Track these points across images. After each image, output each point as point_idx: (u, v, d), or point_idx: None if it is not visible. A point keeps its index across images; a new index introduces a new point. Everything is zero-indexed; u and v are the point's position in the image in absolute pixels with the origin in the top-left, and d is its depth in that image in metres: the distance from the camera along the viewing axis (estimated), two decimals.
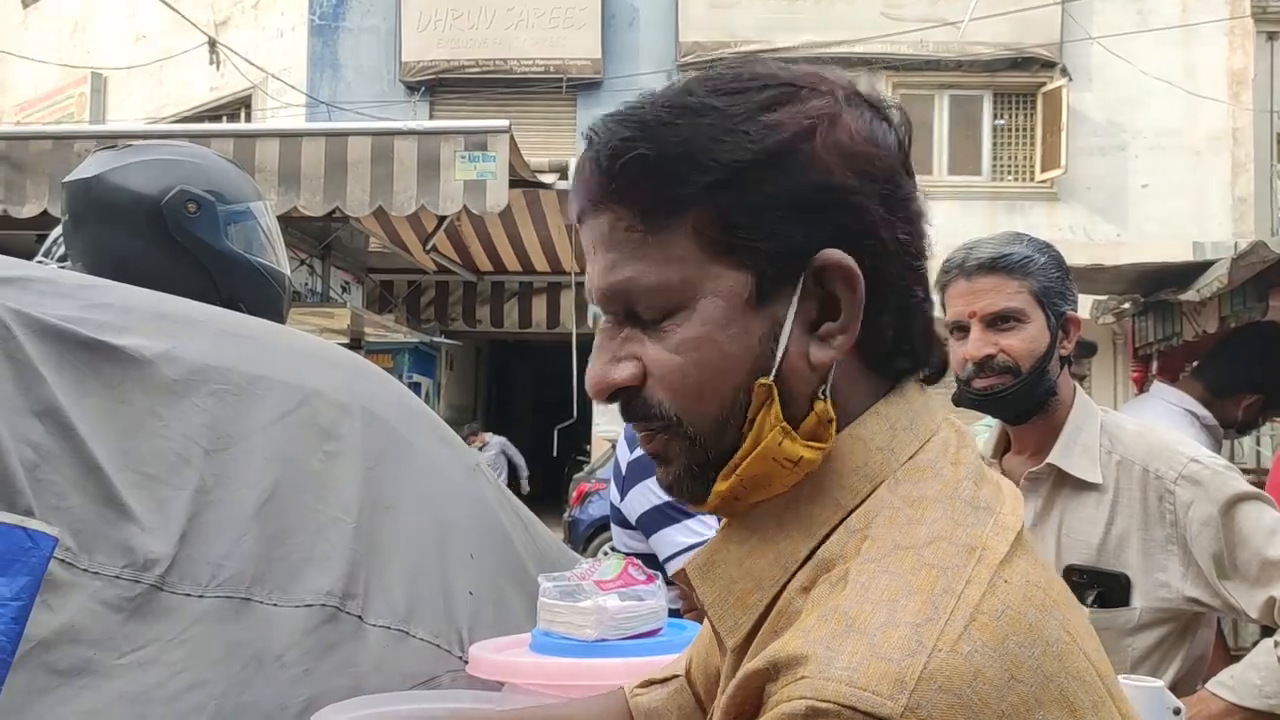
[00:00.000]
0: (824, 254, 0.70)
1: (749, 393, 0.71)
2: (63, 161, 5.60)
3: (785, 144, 0.70)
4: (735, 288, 0.70)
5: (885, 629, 0.61)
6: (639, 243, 0.71)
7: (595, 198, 0.73)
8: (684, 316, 0.71)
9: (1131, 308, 4.55)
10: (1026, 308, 1.68)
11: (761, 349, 0.71)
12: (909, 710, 0.58)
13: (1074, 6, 12.50)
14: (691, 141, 0.70)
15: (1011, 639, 0.62)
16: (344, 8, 13.59)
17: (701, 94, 0.72)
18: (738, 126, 0.70)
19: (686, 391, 0.72)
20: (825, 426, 0.72)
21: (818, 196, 0.70)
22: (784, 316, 0.71)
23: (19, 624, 0.99)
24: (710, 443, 0.73)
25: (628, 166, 0.70)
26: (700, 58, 13.00)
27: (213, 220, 1.57)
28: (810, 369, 0.72)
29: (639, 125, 0.71)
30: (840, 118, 0.72)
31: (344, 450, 1.38)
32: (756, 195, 0.69)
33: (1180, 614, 1.65)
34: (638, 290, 0.72)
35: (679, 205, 0.70)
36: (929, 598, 0.63)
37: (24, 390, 1.13)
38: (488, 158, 5.67)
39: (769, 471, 0.72)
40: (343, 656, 1.25)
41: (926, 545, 0.66)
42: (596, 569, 1.39)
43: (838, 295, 0.71)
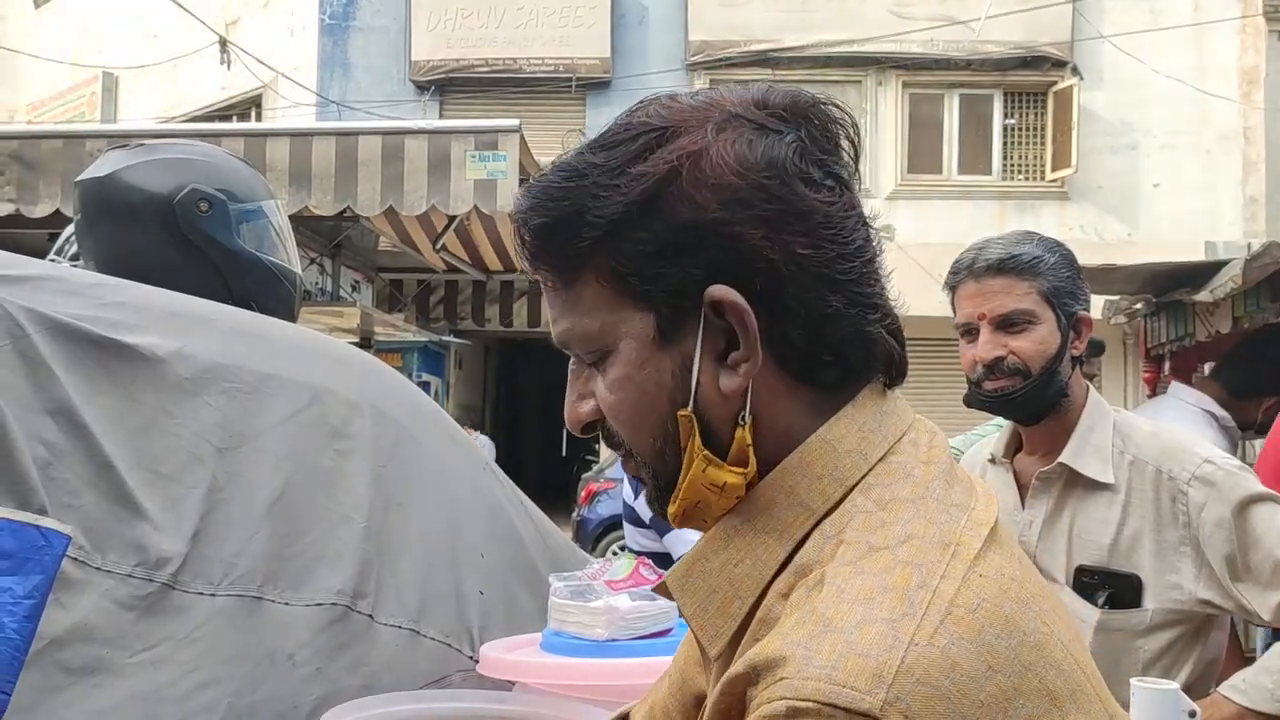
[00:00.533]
0: (710, 290, 0.73)
1: (675, 424, 0.75)
2: (74, 161, 5.61)
3: (649, 191, 0.73)
4: (642, 329, 0.75)
5: (861, 626, 0.62)
6: (562, 299, 0.78)
7: (526, 262, 0.80)
8: (611, 359, 0.76)
9: (1144, 308, 4.54)
10: (1036, 309, 1.67)
11: (675, 383, 0.75)
12: (888, 704, 0.59)
13: (1085, 5, 12.46)
14: (576, 202, 0.75)
15: (988, 631, 0.63)
16: (354, 7, 13.62)
17: (588, 153, 0.76)
18: (611, 181, 0.74)
19: (624, 424, 0.78)
20: (746, 451, 0.75)
21: (686, 235, 0.73)
22: (692, 350, 0.74)
23: (32, 622, 0.99)
24: (657, 469, 0.78)
25: (534, 234, 0.77)
26: (709, 57, 13.00)
27: (224, 219, 1.57)
28: (724, 397, 0.74)
29: (540, 194, 0.77)
30: (705, 151, 0.73)
31: (355, 449, 1.38)
32: (632, 244, 0.73)
33: (1192, 616, 1.64)
34: (573, 339, 0.78)
35: (577, 261, 0.76)
36: (904, 594, 0.64)
37: (37, 388, 1.13)
38: (498, 157, 5.68)
39: (703, 497, 0.76)
40: (354, 655, 1.25)
41: (900, 544, 0.67)
42: (608, 569, 1.39)
43: (735, 326, 0.73)
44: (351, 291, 8.45)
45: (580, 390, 0.81)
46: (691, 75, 13.13)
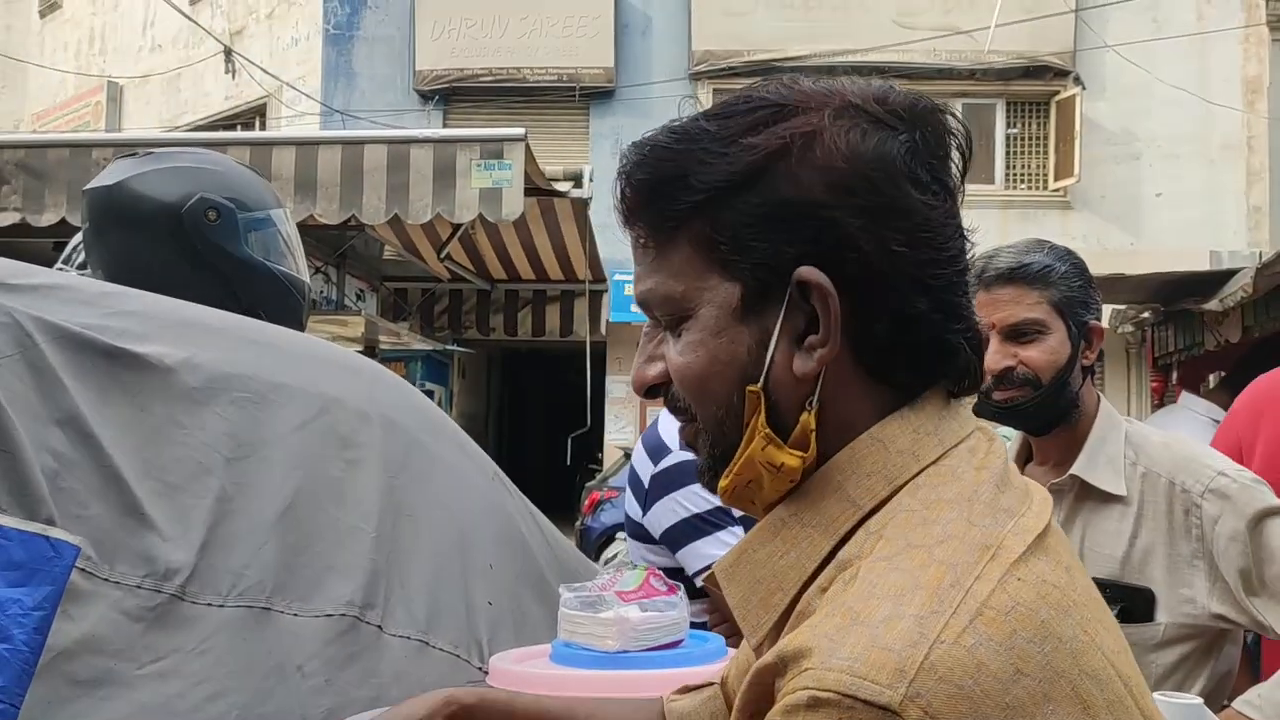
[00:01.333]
0: (800, 270, 0.73)
1: (742, 398, 0.76)
2: (81, 170, 5.61)
3: (758, 163, 0.74)
4: (726, 298, 0.76)
5: (889, 621, 0.62)
6: (652, 258, 0.79)
7: (622, 217, 0.81)
8: (690, 324, 0.77)
9: (1151, 317, 4.54)
10: (1046, 318, 1.65)
11: (750, 357, 0.75)
12: (909, 699, 0.59)
13: (1088, 14, 12.47)
14: (683, 165, 0.76)
15: (1020, 634, 0.62)
16: (358, 17, 13.65)
17: (702, 119, 0.78)
18: (721, 149, 0.75)
19: (691, 391, 0.78)
20: (808, 436, 0.75)
21: (785, 211, 0.74)
22: (772, 328, 0.75)
23: (41, 634, 0.98)
24: (715, 440, 0.79)
25: (637, 189, 0.79)
26: (713, 67, 13.02)
27: (233, 228, 1.57)
28: (795, 380, 0.75)
29: (649, 151, 0.78)
30: (820, 134, 0.74)
31: (364, 458, 1.37)
32: (732, 213, 0.74)
33: (1206, 630, 1.62)
34: (654, 299, 0.79)
35: (675, 223, 0.77)
36: (935, 592, 0.64)
37: (45, 398, 1.12)
38: (503, 166, 5.67)
39: (757, 475, 0.76)
40: (363, 667, 1.24)
41: (938, 544, 0.67)
42: (618, 580, 1.38)
43: (817, 310, 0.74)
44: (356, 300, 8.45)
45: (650, 353, 0.82)
46: (695, 85, 13.16)
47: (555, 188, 7.00)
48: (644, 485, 2.05)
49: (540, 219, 8.50)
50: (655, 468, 2.03)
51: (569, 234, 8.98)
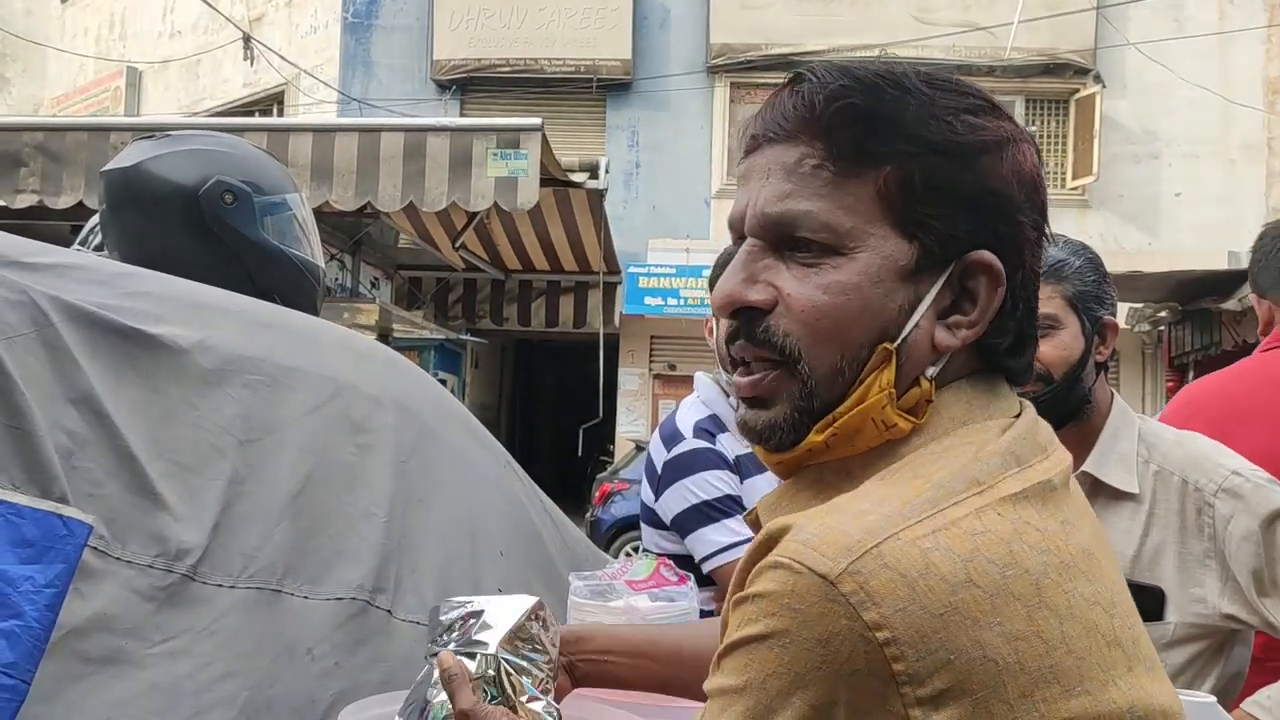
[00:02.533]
0: (980, 253, 0.76)
1: (870, 351, 0.76)
2: (99, 153, 5.64)
3: (980, 145, 0.76)
4: (895, 254, 0.75)
5: (859, 515, 0.67)
6: (826, 181, 0.75)
7: (793, 128, 0.77)
8: (841, 261, 0.75)
9: (1169, 315, 4.51)
10: (1060, 313, 1.64)
11: (897, 317, 0.76)
12: (848, 574, 0.63)
13: (1110, 12, 12.40)
14: (902, 111, 0.75)
15: (982, 553, 0.65)
16: (377, 6, 13.66)
17: (914, 78, 0.77)
18: (944, 116, 0.75)
19: (820, 331, 0.75)
20: (923, 405, 0.76)
21: (992, 201, 0.76)
22: (925, 295, 0.76)
23: (53, 611, 0.99)
24: (819, 390, 0.77)
25: (841, 110, 0.75)
26: (731, 60, 12.99)
27: (249, 211, 1.57)
28: (932, 349, 0.77)
29: (859, 80, 0.76)
30: (1022, 144, 0.78)
31: (376, 444, 1.37)
32: (943, 177, 0.75)
33: (1216, 630, 1.61)
34: (808, 223, 0.75)
35: (874, 160, 0.75)
36: (909, 502, 0.68)
37: (60, 377, 1.13)
38: (519, 155, 5.68)
39: (862, 429, 0.76)
40: (372, 650, 1.24)
41: (937, 472, 0.71)
42: (628, 569, 1.38)
43: (976, 292, 0.76)
44: (371, 288, 8.48)
45: (754, 274, 0.78)
46: (712, 78, 13.13)
47: (571, 178, 7.00)
48: (657, 471, 2.08)
49: (555, 209, 8.50)
50: (669, 454, 2.05)
51: (584, 225, 8.98)
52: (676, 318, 12.09)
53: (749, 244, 0.79)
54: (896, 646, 0.62)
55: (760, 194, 0.77)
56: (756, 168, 0.79)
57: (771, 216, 0.77)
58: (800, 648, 0.64)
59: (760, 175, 0.78)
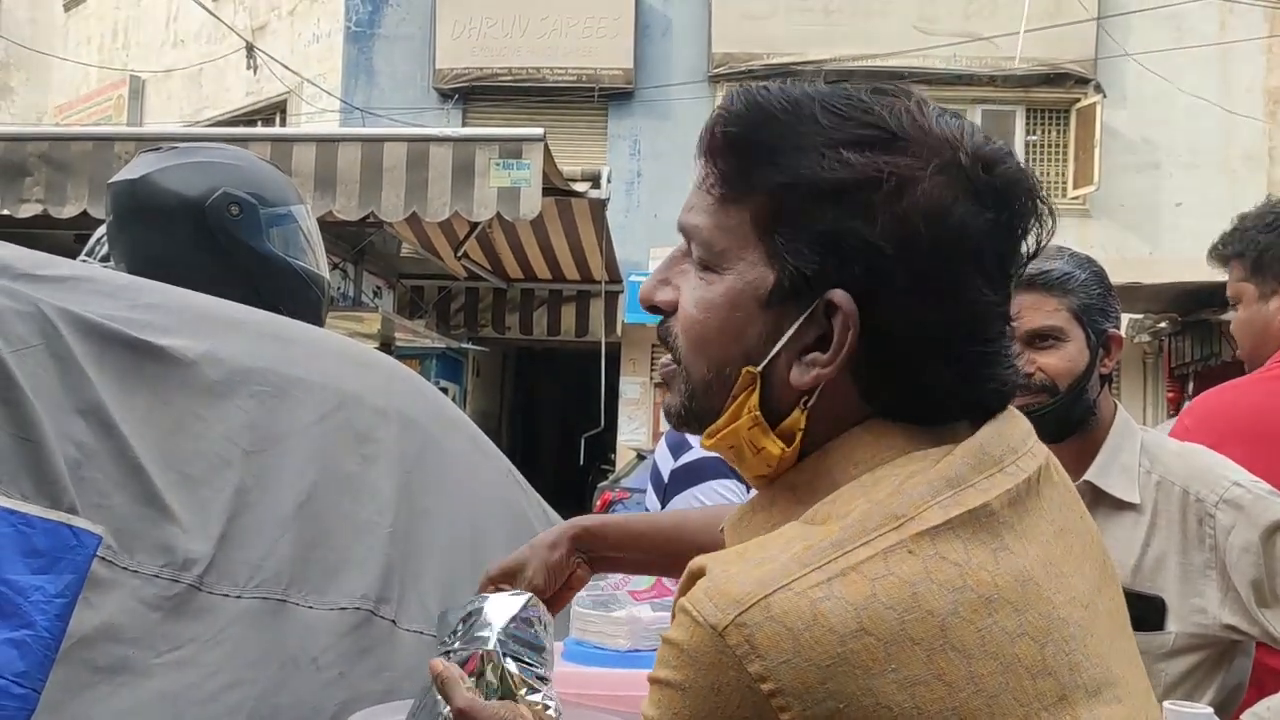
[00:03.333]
0: (837, 292, 0.74)
1: (736, 373, 0.78)
2: (103, 163, 5.66)
3: (847, 183, 0.74)
4: (758, 279, 0.76)
5: (761, 563, 0.68)
6: (712, 200, 0.79)
7: (704, 149, 0.81)
8: (714, 279, 0.78)
9: (1169, 326, 4.52)
10: (1065, 326, 1.65)
11: (757, 344, 0.77)
12: (734, 625, 0.65)
13: (1110, 22, 12.42)
14: (782, 141, 0.76)
15: (880, 599, 0.65)
16: (379, 15, 13.70)
17: (819, 105, 0.76)
18: (821, 148, 0.75)
19: (689, 341, 0.80)
20: (795, 432, 0.77)
21: (851, 241, 0.74)
22: (786, 328, 0.76)
23: (63, 621, 1.00)
24: (697, 397, 0.80)
25: (724, 137, 0.78)
26: (732, 69, 13.01)
27: (255, 223, 1.58)
28: (787, 382, 0.77)
29: (752, 106, 0.78)
30: (914, 185, 0.73)
31: (380, 454, 1.38)
32: (804, 213, 0.75)
33: (1217, 641, 1.62)
34: (697, 237, 0.79)
35: (748, 187, 0.77)
36: (813, 546, 0.68)
37: (69, 389, 1.14)
38: (522, 165, 5.70)
39: (739, 449, 0.79)
40: (377, 660, 1.25)
41: (854, 511, 0.70)
42: (630, 579, 1.38)
43: (832, 332, 0.75)
44: (373, 297, 8.49)
45: (669, 275, 0.83)
46: (714, 87, 13.15)
47: (573, 188, 7.02)
48: (664, 480, 2.08)
49: (558, 219, 8.51)
50: (675, 463, 2.06)
51: (586, 234, 8.99)
52: None
53: (677, 247, 0.83)
54: (782, 697, 0.64)
55: (686, 203, 0.82)
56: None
57: (681, 225, 0.81)
58: (697, 695, 0.66)
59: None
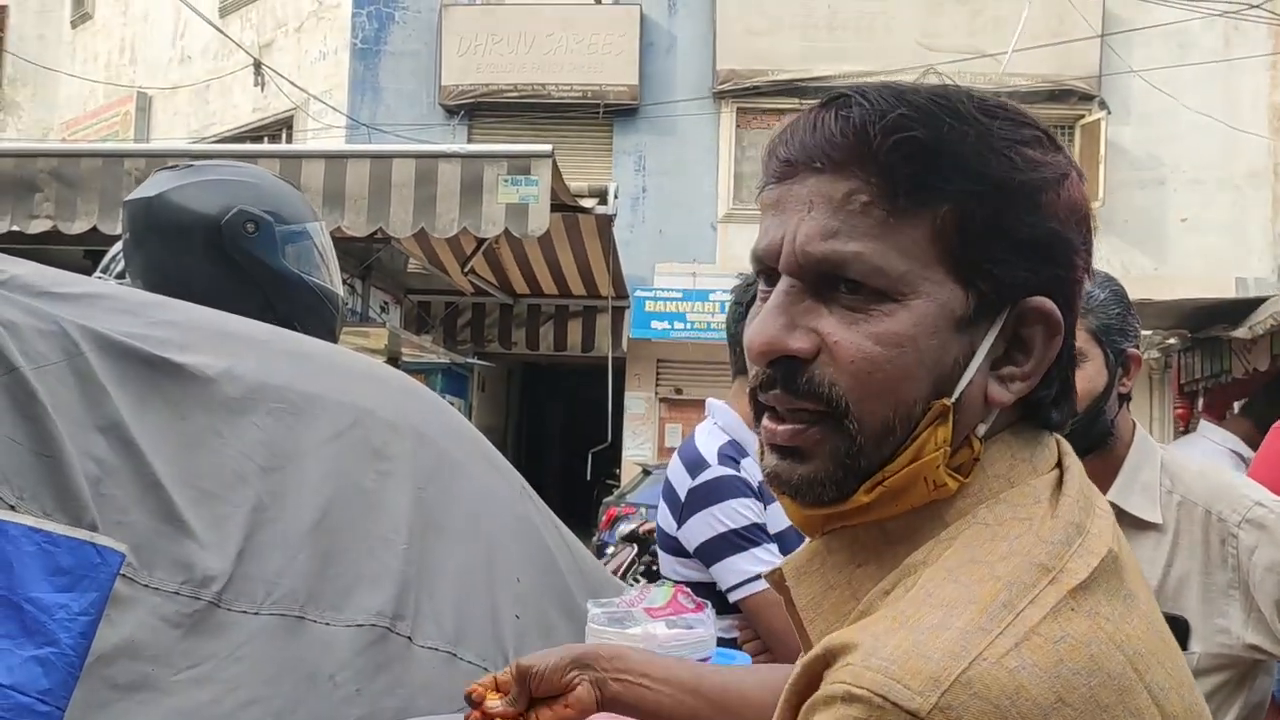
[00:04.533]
0: (1038, 299, 0.70)
1: (923, 407, 0.70)
2: (113, 179, 5.68)
3: (1041, 183, 0.70)
4: (952, 301, 0.69)
5: (935, 630, 0.61)
6: (878, 221, 0.69)
7: (841, 158, 0.70)
8: (894, 308, 0.69)
9: (1178, 343, 4.51)
10: (1084, 345, 1.64)
11: (951, 371, 0.70)
12: (939, 709, 0.58)
13: (1114, 39, 12.45)
14: (961, 145, 0.69)
15: (1066, 664, 0.61)
16: (385, 32, 13.76)
17: (969, 105, 0.71)
18: (1003, 150, 0.69)
19: (871, 385, 0.69)
20: (971, 463, 0.72)
21: (1053, 242, 0.71)
22: (979, 345, 0.70)
23: (87, 639, 1.00)
24: (867, 448, 0.70)
25: (900, 144, 0.68)
26: (737, 86, 13.05)
27: (270, 240, 1.59)
28: (984, 404, 0.72)
29: (915, 108, 0.69)
30: (1073, 177, 0.73)
31: (395, 470, 1.39)
32: (1004, 219, 0.69)
33: (1239, 661, 1.61)
34: (858, 266, 0.69)
35: (932, 199, 0.69)
36: (986, 608, 0.62)
37: (89, 405, 1.14)
38: (530, 181, 5.71)
39: (910, 488, 0.71)
40: (393, 677, 1.25)
41: (1001, 560, 0.65)
42: (645, 596, 1.38)
43: (1031, 341, 0.71)
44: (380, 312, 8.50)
45: (796, 320, 0.71)
46: (719, 103, 13.19)
47: (580, 204, 7.03)
48: (680, 499, 2.04)
49: (564, 234, 8.53)
50: (693, 481, 2.02)
51: (592, 250, 9.01)
52: (683, 342, 12.10)
53: (786, 284, 0.72)
54: None
55: (800, 229, 0.70)
56: (793, 197, 0.72)
57: (815, 256, 0.70)
58: None
59: (799, 207, 0.71)
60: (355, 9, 13.72)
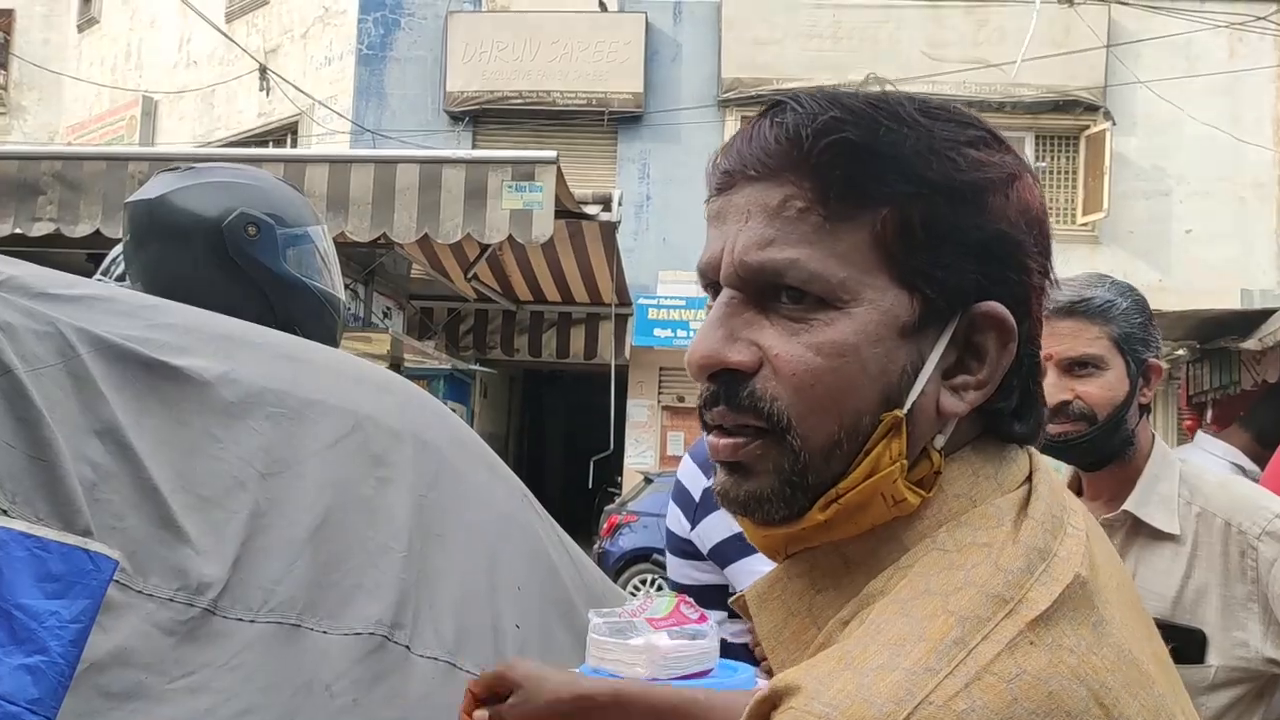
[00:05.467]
0: (989, 305, 0.68)
1: (871, 420, 0.67)
2: (116, 182, 5.68)
3: (986, 184, 0.68)
4: (895, 308, 0.66)
5: (880, 671, 0.58)
6: (814, 226, 0.66)
7: (775, 164, 0.68)
8: (834, 317, 0.66)
9: (1187, 354, 4.50)
10: (1106, 354, 1.63)
11: (899, 381, 0.67)
12: None
13: (1120, 50, 12.45)
14: (899, 146, 0.66)
15: (1021, 704, 0.57)
16: (391, 38, 13.79)
17: (909, 107, 0.68)
18: (945, 151, 0.67)
19: (813, 397, 0.66)
20: (932, 478, 0.68)
21: (1002, 246, 0.68)
22: (929, 354, 0.67)
23: (78, 647, 0.98)
24: (813, 463, 0.67)
25: (833, 145, 0.66)
26: (741, 94, 13.06)
27: (272, 243, 1.57)
28: (936, 415, 0.68)
29: (849, 111, 0.67)
30: (1025, 179, 0.70)
31: (396, 477, 1.37)
32: (947, 221, 0.66)
33: (1258, 674, 1.59)
34: (794, 274, 0.66)
35: (869, 203, 0.66)
36: (935, 646, 0.58)
37: (85, 409, 1.13)
38: (534, 188, 5.70)
39: (868, 504, 0.68)
40: (390, 687, 1.23)
41: (955, 591, 0.62)
42: (647, 606, 1.36)
43: (984, 348, 0.68)
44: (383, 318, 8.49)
45: (736, 331, 0.69)
46: (723, 111, 13.20)
47: (584, 211, 7.02)
48: (694, 499, 1.99)
49: (568, 241, 8.52)
50: (708, 481, 1.98)
51: (595, 257, 9.00)
52: (685, 350, 12.07)
53: (726, 296, 0.69)
54: None
55: (738, 239, 0.68)
56: (732, 208, 0.70)
57: (752, 266, 0.67)
58: None
59: (737, 217, 0.69)
60: (361, 15, 13.75)
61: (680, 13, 13.47)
